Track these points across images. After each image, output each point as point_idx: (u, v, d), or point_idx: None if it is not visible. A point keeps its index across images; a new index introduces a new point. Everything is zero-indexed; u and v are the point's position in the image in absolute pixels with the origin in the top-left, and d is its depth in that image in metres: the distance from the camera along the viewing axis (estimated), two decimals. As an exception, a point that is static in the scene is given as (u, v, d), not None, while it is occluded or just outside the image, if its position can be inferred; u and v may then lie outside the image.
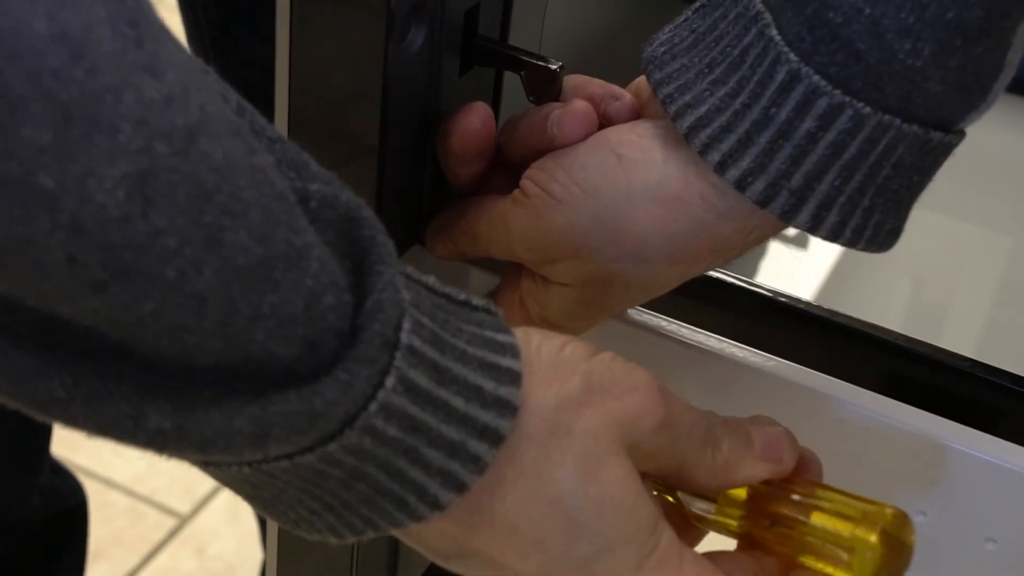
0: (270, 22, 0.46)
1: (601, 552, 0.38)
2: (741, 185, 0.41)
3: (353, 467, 0.35)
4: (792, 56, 0.40)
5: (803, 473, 0.43)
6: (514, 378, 0.37)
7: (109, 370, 0.31)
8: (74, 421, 0.32)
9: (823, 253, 0.78)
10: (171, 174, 0.28)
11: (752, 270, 0.75)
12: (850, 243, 0.42)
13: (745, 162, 0.41)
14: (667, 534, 0.39)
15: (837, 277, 0.76)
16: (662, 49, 0.44)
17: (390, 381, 0.34)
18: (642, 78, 0.47)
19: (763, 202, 0.41)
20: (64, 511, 0.96)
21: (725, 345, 0.49)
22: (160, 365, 0.32)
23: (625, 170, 0.44)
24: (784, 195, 0.41)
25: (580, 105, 0.46)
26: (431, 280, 0.38)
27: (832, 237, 0.42)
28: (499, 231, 0.47)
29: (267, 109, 0.43)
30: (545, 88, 0.49)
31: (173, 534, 1.48)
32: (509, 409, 0.36)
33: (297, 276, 0.32)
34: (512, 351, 0.37)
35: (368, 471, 0.35)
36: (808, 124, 0.40)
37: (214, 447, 0.33)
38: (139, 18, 0.28)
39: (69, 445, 1.59)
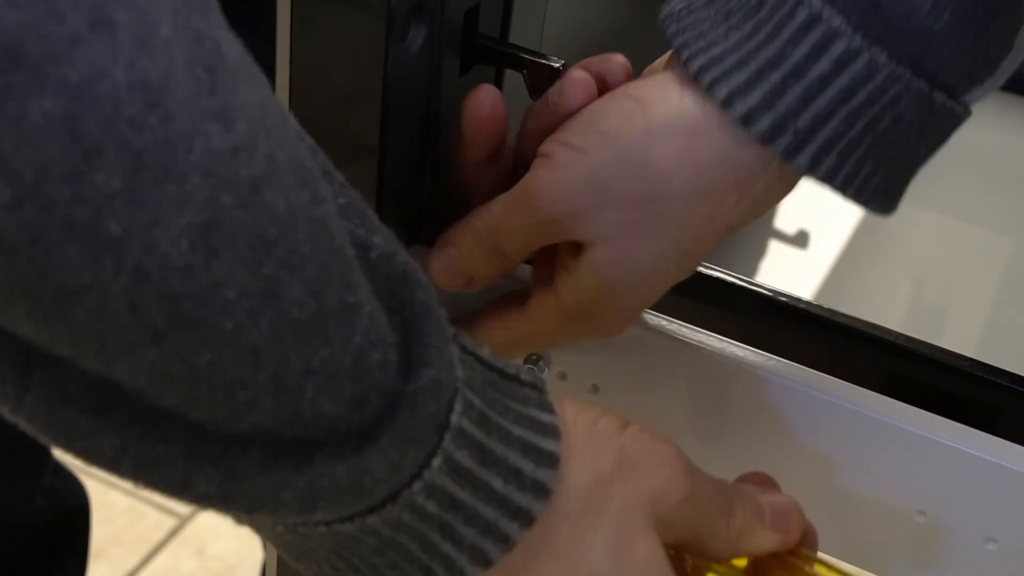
0: (271, 22, 0.46)
1: None
2: (747, 120, 0.41)
3: (388, 537, 0.36)
4: (815, 0, 0.40)
5: (802, 544, 0.45)
6: (552, 461, 0.38)
7: (158, 434, 0.31)
8: (122, 476, 0.32)
9: (823, 253, 0.78)
10: (234, 225, 0.28)
11: (752, 270, 0.75)
12: (840, 188, 0.43)
13: (753, 98, 0.41)
14: None
15: (837, 277, 0.76)
16: (680, 6, 0.44)
17: (436, 462, 0.35)
18: (655, 62, 0.47)
19: (768, 138, 0.41)
20: (66, 512, 0.96)
21: (725, 345, 0.49)
22: (209, 430, 0.32)
23: (643, 108, 0.44)
24: (790, 135, 0.41)
25: (577, 72, 0.46)
26: (485, 352, 0.38)
27: (825, 179, 0.42)
28: (519, 206, 0.45)
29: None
30: (547, 86, 0.49)
31: (173, 534, 1.48)
32: (544, 492, 0.37)
33: (347, 332, 0.32)
34: (553, 432, 0.38)
35: (402, 541, 0.36)
36: (822, 66, 0.40)
37: (260, 512, 0.33)
38: (216, 62, 0.28)
39: (69, 445, 1.58)
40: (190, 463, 0.32)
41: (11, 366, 0.30)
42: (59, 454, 0.95)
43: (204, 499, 0.33)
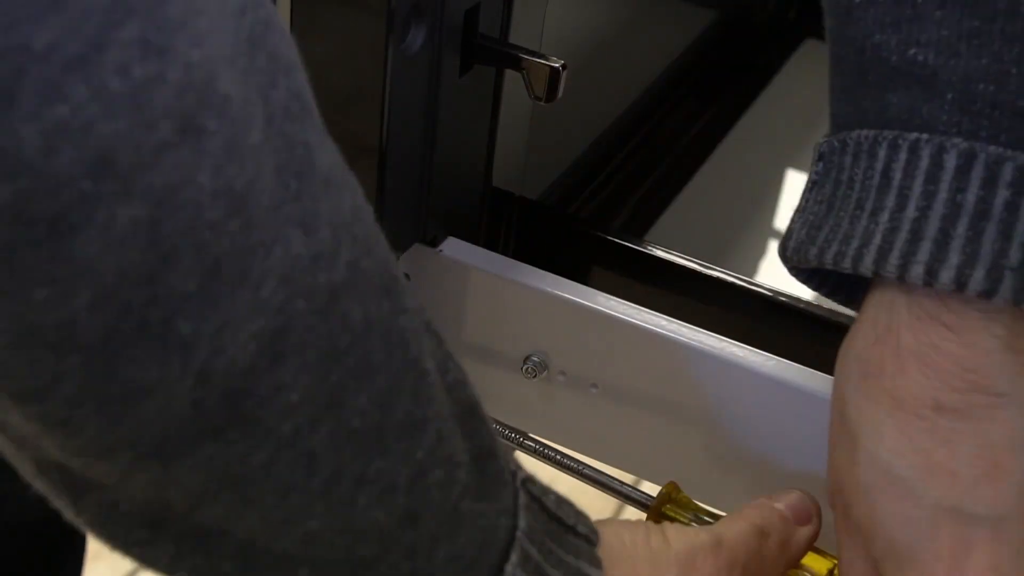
0: None
1: None
2: (960, 282, 0.36)
3: None
4: (956, 139, 0.36)
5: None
6: None
7: (211, 547, 0.31)
8: None
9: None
10: (306, 332, 0.28)
11: (752, 270, 0.75)
12: None
13: (954, 258, 0.36)
14: None
15: (837, 277, 0.76)
16: (803, 232, 0.41)
17: None
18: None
19: (988, 292, 0.36)
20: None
21: (725, 345, 0.49)
22: (260, 547, 0.32)
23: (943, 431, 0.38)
24: (1008, 277, 0.36)
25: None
26: (551, 500, 0.38)
27: None
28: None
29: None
30: (547, 86, 0.49)
31: (173, 534, 1.47)
32: None
33: (409, 446, 0.32)
34: None
35: None
36: (1003, 195, 0.36)
37: None
38: (305, 168, 0.28)
39: (69, 445, 1.58)
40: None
41: (63, 493, 0.30)
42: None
43: None
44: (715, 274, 0.56)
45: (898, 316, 0.38)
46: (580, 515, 0.39)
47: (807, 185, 0.41)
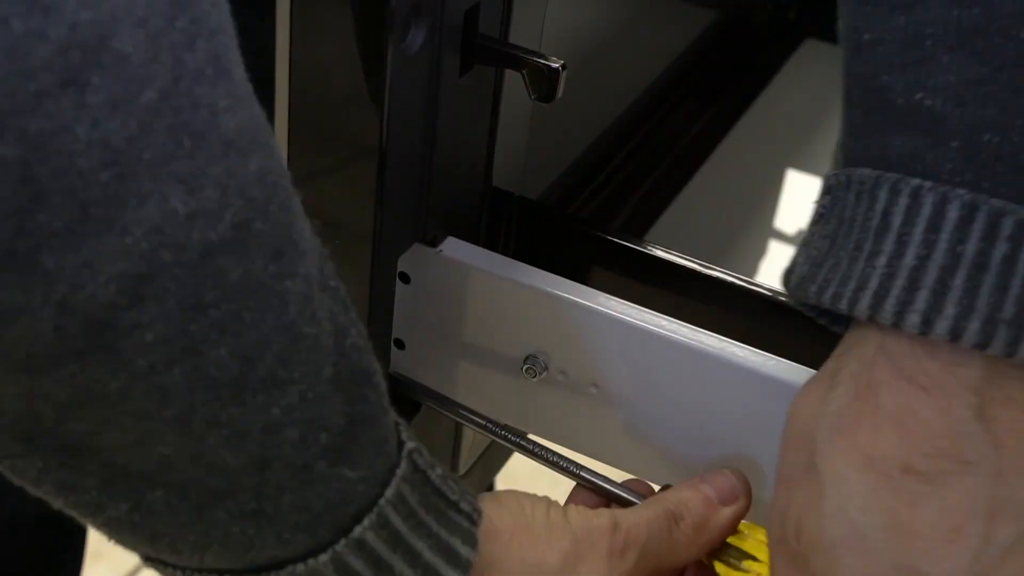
0: (270, 22, 0.46)
1: None
2: (955, 333, 0.37)
3: None
4: (960, 190, 0.36)
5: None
6: None
7: (76, 464, 0.34)
8: (44, 496, 0.35)
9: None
10: (169, 282, 0.30)
11: (752, 270, 0.75)
12: None
13: (950, 309, 0.37)
14: None
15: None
16: (805, 267, 0.41)
17: (323, 558, 0.37)
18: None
19: (982, 344, 0.37)
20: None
21: (725, 345, 0.49)
22: (119, 464, 0.34)
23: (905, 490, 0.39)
24: (1002, 330, 0.37)
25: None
26: (435, 474, 0.40)
27: None
28: None
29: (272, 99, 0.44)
30: (547, 86, 0.49)
31: (173, 534, 1.47)
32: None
33: (266, 402, 0.34)
34: (464, 566, 0.41)
35: None
36: (1001, 248, 0.36)
37: (160, 543, 0.36)
38: (206, 130, 0.30)
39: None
40: (102, 494, 0.34)
41: None
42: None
43: (113, 523, 0.36)
44: (715, 274, 0.56)
45: (879, 375, 0.39)
46: (466, 493, 0.41)
47: (813, 217, 0.42)
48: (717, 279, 0.56)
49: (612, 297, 0.51)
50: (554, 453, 0.50)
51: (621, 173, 0.74)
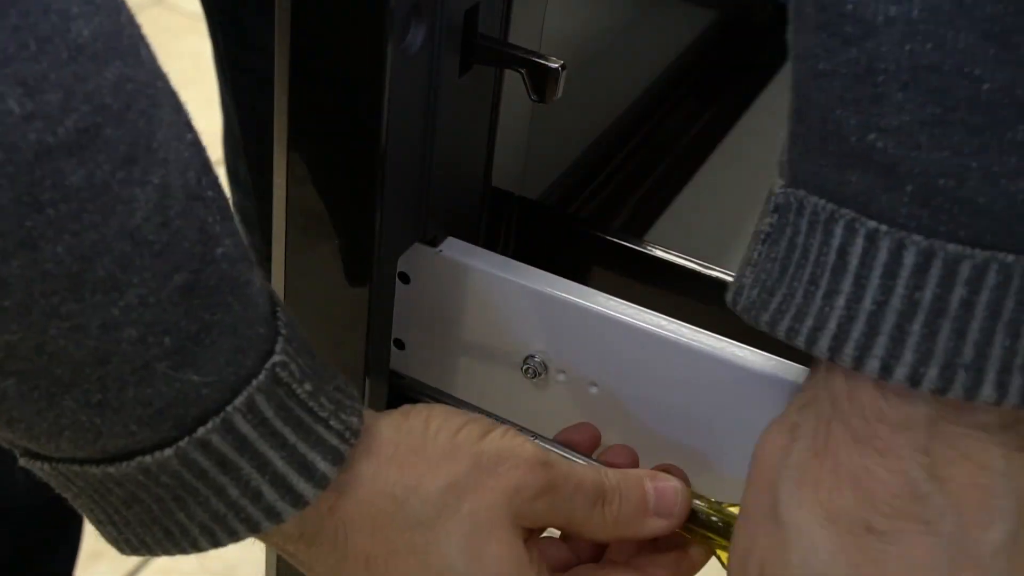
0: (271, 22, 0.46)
1: None
2: (914, 379, 0.37)
3: (131, 491, 0.40)
4: (916, 236, 0.36)
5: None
6: (321, 481, 0.41)
7: None
8: None
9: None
10: (2, 178, 0.31)
11: (752, 270, 0.75)
12: None
13: (909, 356, 0.37)
14: None
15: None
16: (755, 291, 0.41)
17: (168, 451, 0.38)
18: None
19: (941, 389, 0.37)
20: (57, 498, 0.95)
21: (725, 345, 0.49)
22: None
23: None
24: (961, 374, 0.37)
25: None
26: (305, 388, 0.41)
27: (1022, 402, 0.38)
28: None
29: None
30: (546, 86, 0.49)
31: (173, 534, 1.47)
32: (301, 502, 0.41)
33: (104, 300, 0.34)
34: (335, 456, 0.41)
35: (143, 498, 0.40)
36: (959, 292, 0.36)
37: (16, 430, 0.37)
38: (55, 35, 0.31)
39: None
40: None
41: None
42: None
43: None
44: (715, 274, 0.56)
45: (836, 435, 0.39)
46: (347, 411, 0.42)
47: (759, 235, 0.41)
48: (717, 279, 0.56)
49: (612, 297, 0.51)
50: (555, 444, 0.50)
51: (621, 173, 0.74)
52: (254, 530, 0.41)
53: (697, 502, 0.48)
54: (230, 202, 0.38)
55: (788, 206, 0.40)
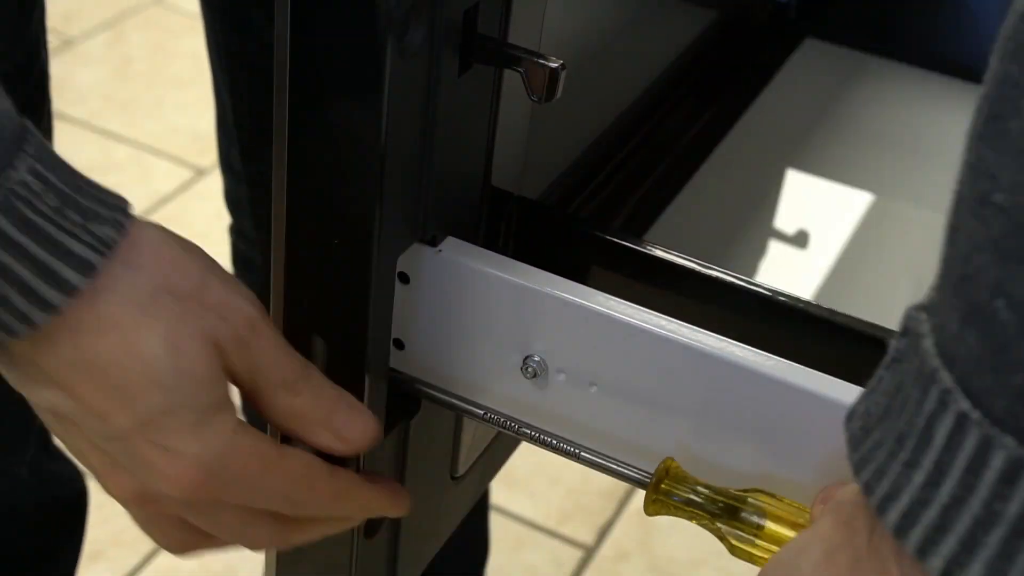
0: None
1: (170, 407, 0.45)
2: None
3: None
4: (1008, 439, 0.31)
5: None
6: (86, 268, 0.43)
7: None
8: None
9: (823, 253, 0.78)
10: None
11: (752, 270, 0.75)
12: None
13: (976, 569, 0.33)
14: (231, 415, 0.46)
15: (837, 277, 0.76)
16: (859, 424, 0.37)
17: None
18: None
19: None
20: (61, 498, 0.95)
21: (725, 345, 0.49)
22: None
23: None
24: None
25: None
26: (50, 205, 0.42)
27: None
28: None
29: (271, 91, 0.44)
30: (546, 86, 0.49)
31: (173, 534, 1.47)
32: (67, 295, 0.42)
33: None
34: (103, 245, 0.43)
35: None
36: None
37: None
38: None
39: (69, 445, 1.58)
40: None
41: None
42: (58, 451, 0.94)
43: None
44: (715, 274, 0.56)
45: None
46: (94, 222, 0.43)
47: (886, 360, 0.37)
48: (717, 279, 0.56)
49: (611, 297, 0.51)
50: (555, 436, 0.50)
51: (621, 173, 0.74)
52: (11, 335, 0.42)
53: (700, 488, 0.49)
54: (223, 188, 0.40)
55: (914, 332, 0.35)
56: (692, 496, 0.49)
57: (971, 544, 0.32)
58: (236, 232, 1.01)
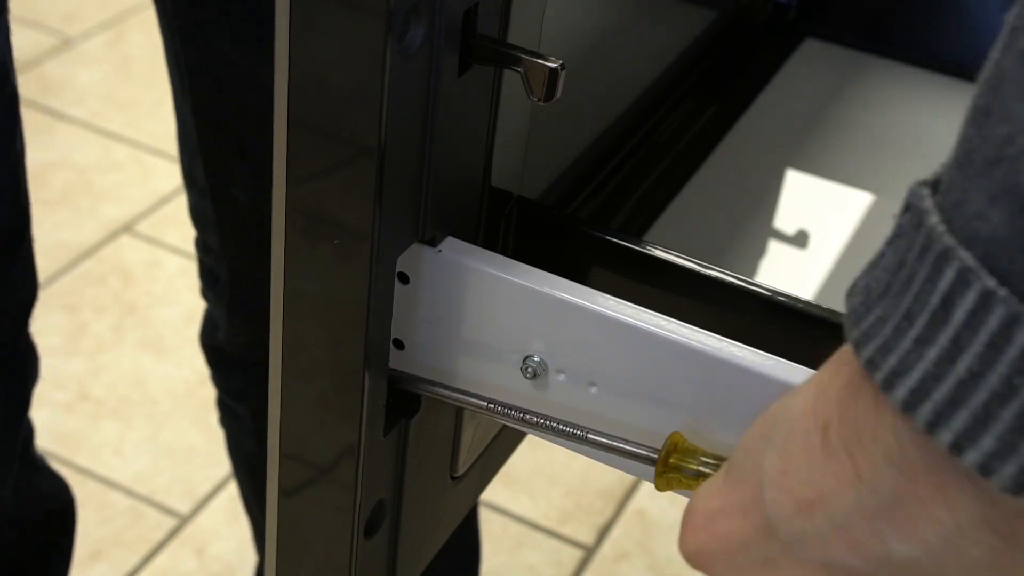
0: (239, 13, 0.45)
1: None
2: (985, 470, 0.33)
3: None
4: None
5: None
6: None
7: None
8: None
9: (823, 253, 0.78)
10: None
11: (752, 270, 0.75)
12: None
13: (988, 443, 0.32)
14: None
15: (837, 277, 0.76)
16: (859, 299, 0.37)
17: None
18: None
19: (1013, 489, 0.32)
20: (49, 512, 0.95)
21: (725, 345, 0.49)
22: None
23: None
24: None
25: None
26: None
27: None
28: None
29: (239, 105, 0.44)
30: (545, 86, 0.49)
31: (173, 534, 1.48)
32: None
33: None
34: None
35: None
36: None
37: None
38: None
39: (69, 445, 1.58)
40: None
41: None
42: (57, 454, 0.94)
43: None
44: (715, 274, 0.56)
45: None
46: None
47: (890, 235, 0.36)
48: (717, 279, 0.56)
49: (611, 297, 0.51)
50: (559, 420, 0.50)
51: (621, 173, 0.74)
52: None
53: (709, 459, 0.49)
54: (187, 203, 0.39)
55: (916, 208, 0.34)
56: (701, 468, 0.49)
57: (985, 418, 0.32)
58: (201, 246, 0.99)
